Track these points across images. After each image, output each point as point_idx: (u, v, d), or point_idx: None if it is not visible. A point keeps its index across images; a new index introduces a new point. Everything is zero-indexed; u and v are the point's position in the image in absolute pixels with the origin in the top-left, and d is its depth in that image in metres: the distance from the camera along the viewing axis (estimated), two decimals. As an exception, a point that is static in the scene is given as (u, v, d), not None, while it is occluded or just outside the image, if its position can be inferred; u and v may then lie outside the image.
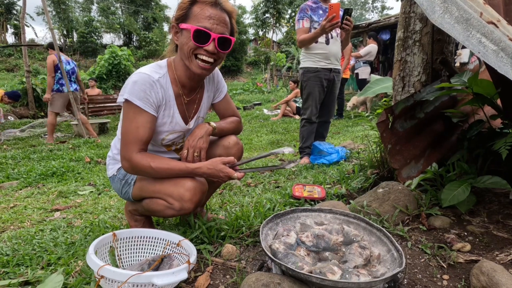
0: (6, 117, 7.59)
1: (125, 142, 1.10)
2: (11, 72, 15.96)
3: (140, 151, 1.09)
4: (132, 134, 1.08)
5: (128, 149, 1.08)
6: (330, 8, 2.23)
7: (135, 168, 1.10)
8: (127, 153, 1.09)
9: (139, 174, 1.16)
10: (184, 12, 1.07)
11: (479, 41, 0.81)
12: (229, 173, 1.11)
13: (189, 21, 1.06)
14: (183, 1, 1.08)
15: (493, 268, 0.92)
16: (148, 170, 1.09)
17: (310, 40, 2.51)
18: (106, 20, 24.71)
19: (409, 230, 1.33)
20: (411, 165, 1.56)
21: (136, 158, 1.08)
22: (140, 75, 1.09)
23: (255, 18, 24.86)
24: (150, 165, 1.08)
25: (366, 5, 33.55)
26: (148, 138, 1.12)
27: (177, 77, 1.18)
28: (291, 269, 0.86)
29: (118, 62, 11.93)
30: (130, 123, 1.08)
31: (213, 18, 1.06)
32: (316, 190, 1.81)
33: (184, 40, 1.08)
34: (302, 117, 2.79)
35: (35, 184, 2.95)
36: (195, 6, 1.06)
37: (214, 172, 1.12)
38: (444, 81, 1.57)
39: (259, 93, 14.24)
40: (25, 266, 1.20)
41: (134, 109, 1.08)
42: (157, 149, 1.28)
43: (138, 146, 1.08)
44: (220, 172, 1.11)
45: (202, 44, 1.06)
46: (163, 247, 1.16)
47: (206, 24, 1.05)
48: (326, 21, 2.25)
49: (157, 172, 1.10)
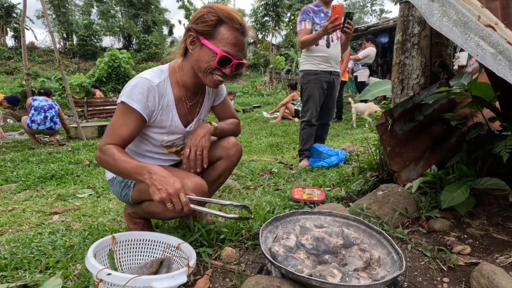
0: (6, 120, 7.59)
1: (106, 134, 1.11)
2: (11, 75, 15.96)
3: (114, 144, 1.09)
4: (115, 128, 1.09)
5: (106, 139, 1.09)
6: (333, 9, 2.24)
7: (102, 157, 1.07)
8: (102, 143, 1.09)
9: (103, 164, 1.10)
10: (209, 30, 1.06)
11: (477, 44, 0.81)
12: (182, 201, 0.98)
13: (214, 40, 1.06)
14: (210, 18, 1.06)
15: (494, 270, 0.92)
16: (110, 161, 1.05)
17: (312, 41, 2.52)
18: (106, 23, 24.78)
19: (409, 233, 1.33)
20: (410, 168, 1.57)
21: (107, 146, 1.07)
22: (140, 79, 1.10)
23: (255, 21, 24.97)
24: (114, 156, 1.04)
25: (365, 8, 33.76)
26: (128, 138, 1.11)
27: (182, 81, 1.19)
28: (291, 272, 0.86)
29: (118, 65, 11.95)
30: (117, 118, 1.10)
31: (237, 45, 1.08)
32: (316, 192, 1.81)
33: (203, 56, 1.08)
34: (302, 120, 2.80)
35: (34, 187, 2.94)
36: (222, 27, 1.06)
37: (163, 195, 0.97)
38: (443, 84, 1.57)
39: (259, 96, 14.28)
40: (23, 269, 1.19)
41: (126, 108, 1.09)
42: (157, 150, 1.28)
43: (114, 140, 1.09)
44: (172, 196, 0.97)
45: (222, 68, 1.09)
46: (163, 250, 1.15)
47: (231, 50, 1.07)
48: (329, 22, 2.27)
49: (117, 164, 1.04)
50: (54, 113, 5.18)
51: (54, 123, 5.15)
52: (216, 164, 1.35)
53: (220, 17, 1.06)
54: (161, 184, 0.98)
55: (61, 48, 21.78)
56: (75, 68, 19.13)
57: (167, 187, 0.98)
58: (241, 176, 2.70)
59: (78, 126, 5.74)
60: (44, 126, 5.03)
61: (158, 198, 0.98)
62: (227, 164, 1.35)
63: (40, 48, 21.22)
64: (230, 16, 1.07)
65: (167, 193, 0.97)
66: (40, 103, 5.07)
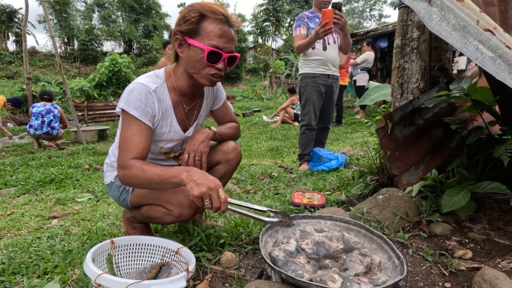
0: (6, 124, 7.59)
1: (121, 150, 1.08)
2: (12, 79, 16.02)
3: (135, 158, 1.06)
4: (128, 141, 1.07)
5: (124, 156, 1.06)
6: (323, 14, 2.30)
7: (127, 174, 1.04)
8: (122, 161, 1.05)
9: (131, 180, 1.07)
10: (193, 28, 1.04)
11: (476, 48, 0.82)
12: (221, 198, 0.95)
13: (199, 37, 1.04)
14: (191, 15, 1.04)
15: (496, 275, 0.91)
16: (139, 174, 1.02)
17: (306, 45, 2.57)
18: (107, 28, 24.94)
19: (410, 237, 1.32)
20: (411, 171, 1.56)
21: (130, 162, 1.04)
22: (137, 85, 1.08)
23: (255, 26, 25.16)
24: (142, 168, 1.02)
25: (364, 13, 34.02)
26: (146, 147, 1.08)
27: (178, 86, 1.17)
28: (291, 277, 0.85)
29: (118, 69, 11.99)
30: (126, 131, 1.07)
31: (224, 36, 1.05)
32: (316, 196, 1.80)
33: (192, 56, 1.06)
34: (302, 124, 2.80)
35: (33, 191, 2.93)
36: (205, 22, 1.04)
37: (203, 189, 0.94)
38: (443, 87, 1.58)
39: (259, 100, 14.33)
40: (21, 274, 1.18)
41: (129, 118, 1.07)
42: (155, 156, 1.27)
43: (133, 153, 1.05)
44: (212, 191, 0.95)
45: (213, 64, 1.06)
46: (162, 254, 1.14)
47: (218, 43, 1.04)
48: (320, 27, 2.33)
49: (147, 174, 1.02)
50: (52, 117, 5.22)
51: (52, 128, 5.19)
52: (215, 169, 1.34)
53: (201, 12, 1.04)
54: (200, 180, 0.95)
55: (62, 53, 21.86)
56: (75, 73, 19.20)
57: (207, 182, 0.95)
58: (241, 180, 2.69)
59: (78, 130, 5.75)
60: (41, 131, 5.11)
61: (198, 193, 0.94)
62: (226, 168, 1.34)
63: (41, 52, 21.31)
64: (211, 9, 1.04)
65: (208, 187, 0.94)
66: (38, 109, 5.19)
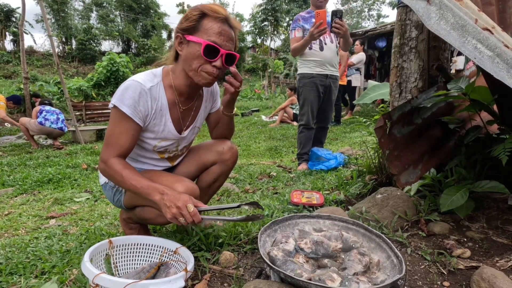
0: (3, 123, 7.55)
1: (106, 144, 1.10)
2: (9, 79, 15.94)
3: (118, 156, 1.08)
4: (114, 138, 1.08)
5: (107, 151, 1.08)
6: (317, 15, 2.32)
7: (107, 171, 1.08)
8: (105, 155, 1.08)
9: (109, 178, 1.12)
10: (193, 25, 1.06)
11: (474, 47, 0.82)
12: (190, 212, 0.97)
13: (198, 34, 1.05)
14: (192, 13, 1.07)
15: (494, 274, 0.91)
16: (117, 177, 1.06)
17: (301, 48, 2.58)
18: (105, 27, 24.85)
19: (408, 236, 1.33)
20: (409, 171, 1.57)
21: (112, 161, 1.07)
22: (132, 83, 1.08)
23: (254, 26, 25.13)
24: (121, 173, 1.05)
25: (362, 13, 34.04)
26: (129, 146, 1.10)
27: (175, 85, 1.17)
28: (290, 276, 0.85)
29: (117, 69, 11.96)
30: (114, 127, 1.09)
31: (223, 34, 1.06)
32: (315, 196, 1.80)
33: (191, 52, 1.07)
34: (300, 123, 2.80)
35: (30, 191, 2.91)
36: (205, 20, 1.06)
37: (173, 211, 0.97)
38: (441, 87, 1.58)
39: (257, 100, 14.31)
40: (18, 275, 1.18)
41: (120, 114, 1.07)
42: (149, 155, 1.26)
43: (117, 151, 1.08)
44: (181, 210, 0.96)
45: (211, 59, 1.06)
46: (160, 254, 1.14)
47: (217, 39, 1.05)
48: (314, 28, 2.33)
49: (125, 181, 1.05)
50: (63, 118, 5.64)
51: (64, 126, 5.56)
52: (211, 169, 1.33)
53: (202, 11, 1.06)
54: (170, 201, 0.98)
55: (60, 52, 21.77)
56: (74, 72, 19.13)
57: (175, 201, 0.98)
58: (239, 179, 2.69)
59: (76, 130, 5.73)
60: (56, 126, 5.38)
61: (170, 216, 0.98)
62: (222, 168, 1.33)
63: (39, 52, 21.22)
64: (213, 9, 1.07)
65: (176, 207, 0.97)
66: (51, 108, 5.53)
